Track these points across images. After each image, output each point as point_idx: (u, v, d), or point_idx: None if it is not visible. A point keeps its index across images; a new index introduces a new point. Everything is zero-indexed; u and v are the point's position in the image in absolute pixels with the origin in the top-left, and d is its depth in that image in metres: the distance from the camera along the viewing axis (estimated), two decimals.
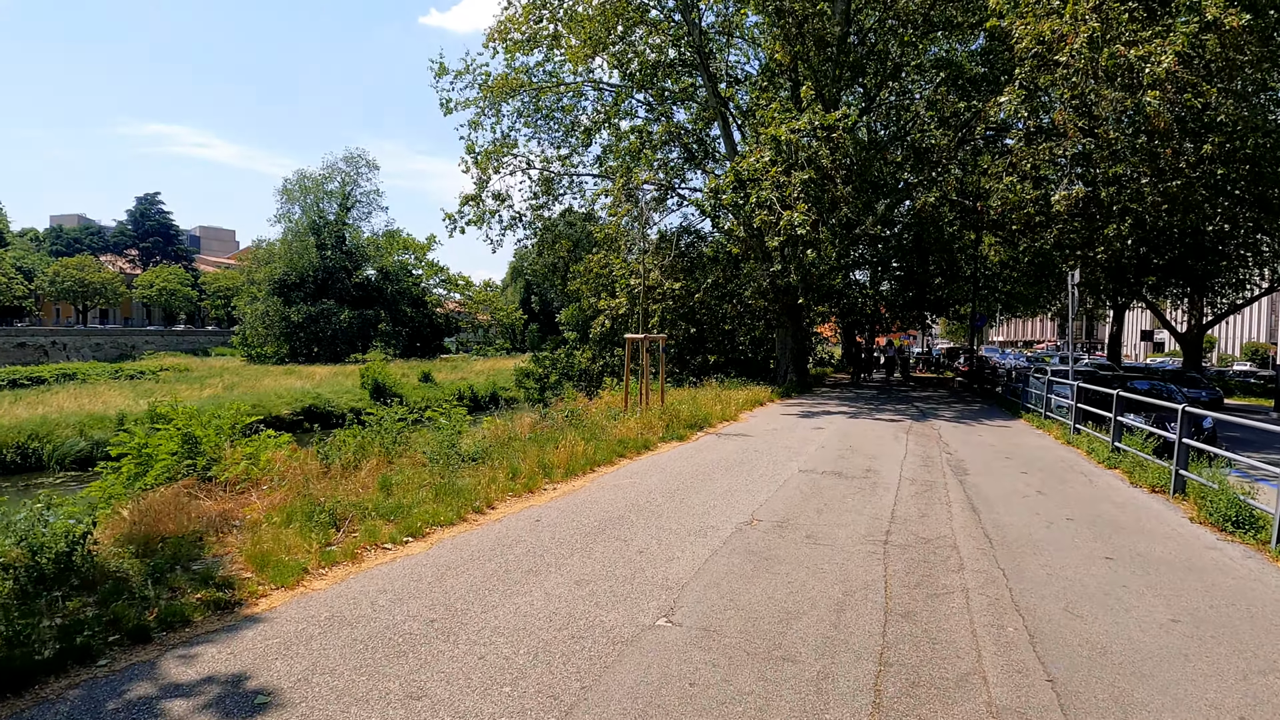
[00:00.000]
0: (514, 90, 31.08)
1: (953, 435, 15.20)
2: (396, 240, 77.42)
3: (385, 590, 5.45)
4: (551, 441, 11.14)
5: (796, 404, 21.25)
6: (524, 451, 10.42)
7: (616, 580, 5.63)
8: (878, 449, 12.80)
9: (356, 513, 7.39)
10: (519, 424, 13.06)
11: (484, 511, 7.76)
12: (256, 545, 6.21)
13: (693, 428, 14.42)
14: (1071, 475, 10.96)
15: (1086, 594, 5.67)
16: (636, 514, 7.68)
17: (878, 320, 43.63)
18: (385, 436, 10.21)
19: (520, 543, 6.65)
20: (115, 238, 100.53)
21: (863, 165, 20.28)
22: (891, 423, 17.17)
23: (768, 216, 18.02)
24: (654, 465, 10.74)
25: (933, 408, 21.54)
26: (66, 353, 69.12)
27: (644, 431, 13.34)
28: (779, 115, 19.13)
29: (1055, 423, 16.75)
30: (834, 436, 14.31)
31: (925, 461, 11.64)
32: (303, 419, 37.73)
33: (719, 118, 27.49)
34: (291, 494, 8.34)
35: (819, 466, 10.80)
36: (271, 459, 9.49)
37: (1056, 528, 7.68)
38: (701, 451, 12.12)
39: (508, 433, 11.98)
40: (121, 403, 33.60)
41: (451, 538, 6.87)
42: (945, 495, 9.07)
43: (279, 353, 64.83)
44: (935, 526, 7.48)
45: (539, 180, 32.92)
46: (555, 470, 9.54)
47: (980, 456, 12.38)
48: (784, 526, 7.25)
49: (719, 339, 29.84)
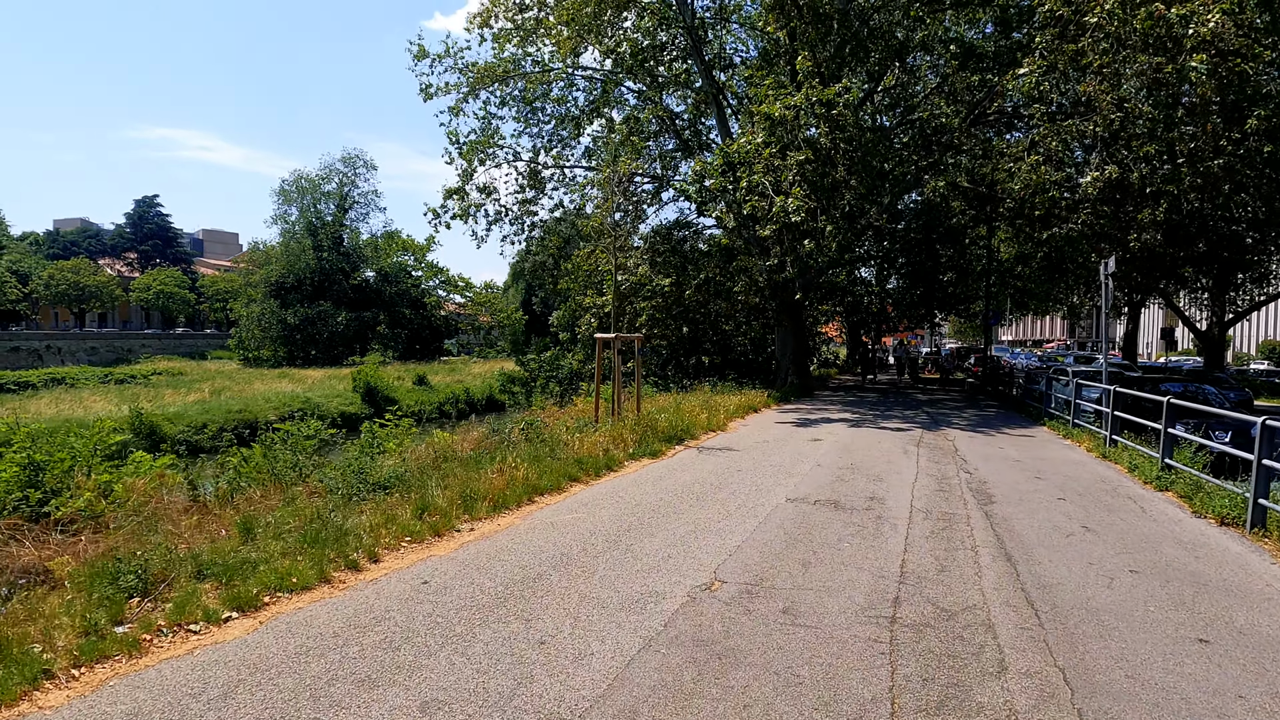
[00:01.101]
0: (498, 79, 29.41)
1: (970, 448, 13.24)
2: (395, 241, 76.09)
3: (135, 716, 3.61)
4: (492, 463, 9.28)
5: (794, 410, 19.31)
6: (452, 477, 8.57)
7: (486, 703, 3.75)
8: (884, 467, 10.87)
9: (183, 570, 5.55)
10: (464, 439, 11.21)
11: (361, 567, 5.90)
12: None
13: (670, 441, 12.52)
14: (1118, 502, 9.02)
15: (1193, 715, 3.77)
16: (561, 571, 5.81)
17: (884, 319, 41.51)
18: (278, 461, 8.38)
19: (382, 622, 4.79)
20: (113, 240, 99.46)
21: (866, 150, 18.36)
22: (899, 432, 15.22)
23: (759, 203, 16.08)
24: (611, 492, 8.85)
25: (945, 414, 19.56)
26: (61, 357, 67.93)
27: (612, 446, 11.47)
28: (773, 92, 17.21)
29: (1085, 432, 14.79)
30: (833, 451, 12.38)
31: (941, 484, 9.72)
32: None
33: (714, 105, 25.59)
34: (131, 538, 6.54)
35: (812, 493, 8.88)
36: (130, 489, 7.67)
37: (1120, 586, 5.76)
38: (674, 472, 10.22)
39: (446, 450, 10.12)
40: (103, 408, 32.64)
41: (293, 611, 5.01)
42: (969, 535, 7.15)
43: (275, 356, 63.81)
44: (960, 588, 5.56)
45: (526, 173, 31.19)
46: (480, 503, 7.66)
47: (1006, 476, 10.45)
48: (755, 592, 5.34)
49: (716, 339, 27.90)
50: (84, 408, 32.75)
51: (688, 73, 27.60)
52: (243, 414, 33.90)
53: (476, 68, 29.20)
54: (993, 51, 19.71)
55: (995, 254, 27.84)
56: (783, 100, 16.73)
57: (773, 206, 15.54)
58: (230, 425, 29.92)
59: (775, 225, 15.80)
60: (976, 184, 22.44)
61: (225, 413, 33.24)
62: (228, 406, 35.11)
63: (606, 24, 26.14)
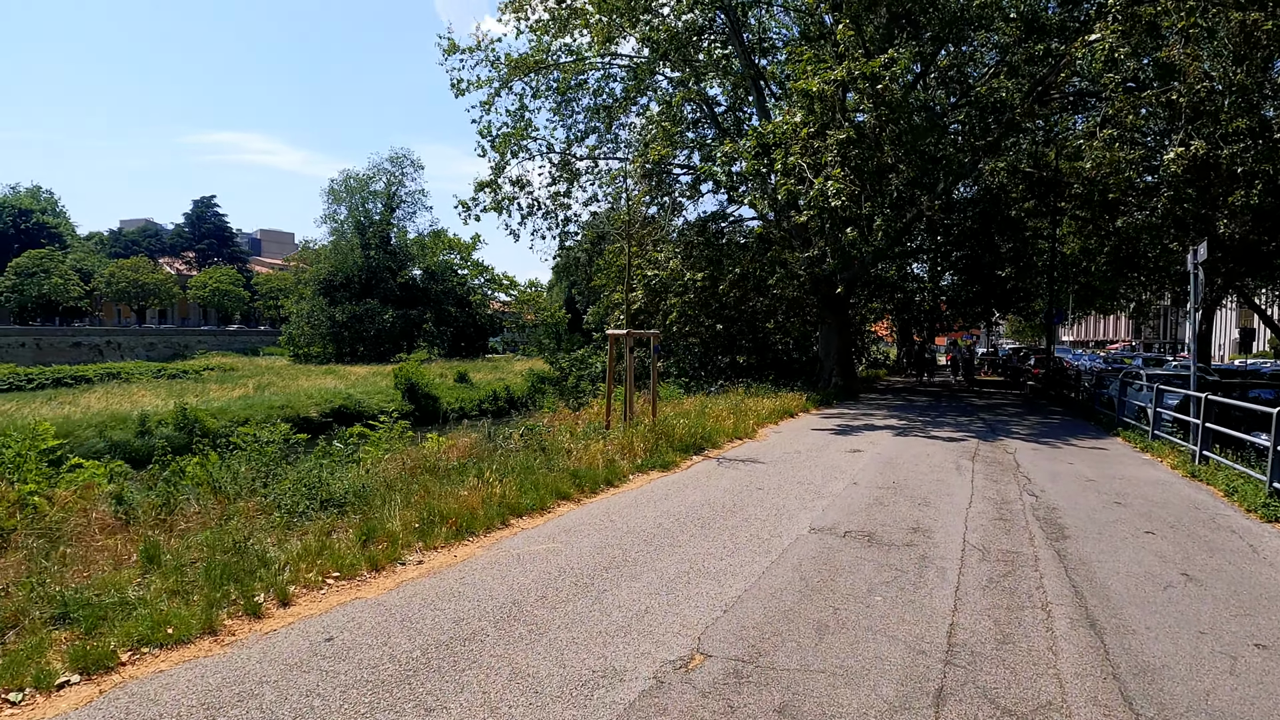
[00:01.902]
0: (531, 69, 28.48)
1: (1034, 462, 11.57)
2: (442, 240, 76.46)
3: None
4: (467, 477, 8.12)
5: (836, 415, 17.74)
6: (423, 493, 7.43)
7: None
8: (932, 487, 9.35)
9: (46, 611, 4.52)
10: (453, 446, 10.10)
11: (263, 613, 4.77)
12: None
13: (686, 451, 11.19)
14: (1220, 537, 7.37)
15: None
16: (503, 629, 4.57)
17: (937, 317, 39.17)
18: (223, 470, 7.37)
19: (245, 702, 3.63)
20: (172, 240, 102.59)
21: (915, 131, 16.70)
22: (952, 443, 13.57)
23: (795, 186, 14.58)
24: (602, 514, 7.59)
25: (1003, 421, 17.73)
26: (121, 352, 70.18)
27: (618, 456, 10.22)
28: (812, 66, 15.67)
29: (1167, 445, 12.93)
30: (873, 465, 10.88)
31: (1001, 510, 8.18)
32: (332, 421, 36.28)
33: (754, 90, 24.09)
34: (23, 564, 5.58)
35: (842, 521, 7.46)
36: (51, 501, 6.75)
37: (1247, 672, 4.25)
38: (683, 489, 8.90)
39: (426, 460, 9.00)
40: (152, 403, 32.99)
41: (149, 677, 3.90)
42: (1038, 585, 5.66)
43: (324, 352, 64.68)
44: (1028, 673, 4.14)
45: (559, 164, 30.18)
46: (439, 528, 6.48)
47: (1079, 500, 8.83)
48: (745, 674, 4.00)
49: (756, 337, 26.35)
50: (132, 402, 33.21)
51: (727, 58, 26.17)
52: (285, 409, 34.02)
53: (509, 59, 28.31)
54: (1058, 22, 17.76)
55: (1059, 246, 25.59)
56: (822, 75, 15.19)
57: (811, 190, 14.03)
58: (271, 420, 29.85)
59: (813, 210, 14.27)
60: (1040, 169, 20.41)
61: (268, 408, 33.39)
62: (270, 402, 35.24)
63: (642, 8, 24.92)
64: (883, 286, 34.81)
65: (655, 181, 20.69)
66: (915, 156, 15.83)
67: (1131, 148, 14.69)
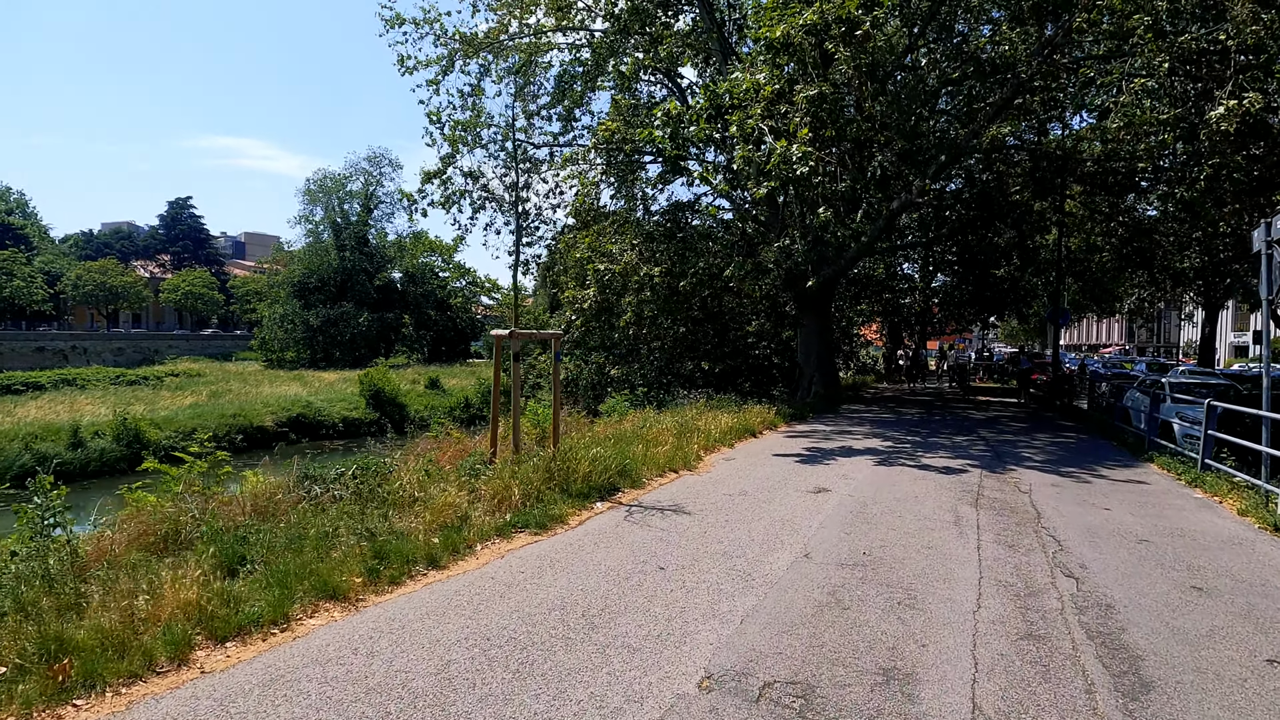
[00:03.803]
0: (482, 47, 25.80)
1: (1058, 509, 8.62)
2: (422, 242, 73.84)
3: None
4: (192, 559, 5.18)
5: (807, 434, 14.79)
6: (101, 593, 4.50)
7: None
8: (920, 564, 6.37)
9: None
10: (255, 494, 7.12)
11: None
12: None
13: (589, 495, 8.20)
14: None
15: None
16: None
17: (928, 320, 36.17)
18: None
19: None
20: (145, 241, 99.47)
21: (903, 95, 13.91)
22: (948, 475, 10.63)
23: (754, 153, 11.63)
24: (367, 636, 4.62)
25: (1008, 441, 14.82)
26: (87, 357, 67.04)
27: (489, 506, 7.31)
28: (777, 11, 12.79)
29: (1223, 479, 10.04)
30: (839, 519, 7.92)
31: (1026, 611, 5.23)
32: (288, 430, 33.53)
33: (719, 54, 21.29)
34: None
35: (767, 649, 4.51)
36: None
37: None
38: (547, 570, 5.92)
39: (172, 525, 6.06)
40: (96, 411, 30.25)
41: None
42: None
43: (298, 357, 62.14)
44: None
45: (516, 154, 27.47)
46: (28, 680, 3.55)
47: (1140, 586, 5.89)
48: None
49: (729, 342, 23.43)
50: (75, 411, 30.50)
51: (695, 31, 23.43)
52: (237, 419, 31.57)
53: (459, 34, 25.58)
54: None
55: (1065, 235, 22.64)
56: (789, 21, 12.31)
57: (770, 156, 11.07)
58: (222, 431, 27.39)
59: (774, 183, 11.32)
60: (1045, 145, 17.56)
61: (219, 417, 31.08)
62: (223, 411, 32.81)
63: None
64: (869, 285, 31.99)
65: (608, 160, 17.79)
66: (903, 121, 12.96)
67: (1171, 104, 11.82)
